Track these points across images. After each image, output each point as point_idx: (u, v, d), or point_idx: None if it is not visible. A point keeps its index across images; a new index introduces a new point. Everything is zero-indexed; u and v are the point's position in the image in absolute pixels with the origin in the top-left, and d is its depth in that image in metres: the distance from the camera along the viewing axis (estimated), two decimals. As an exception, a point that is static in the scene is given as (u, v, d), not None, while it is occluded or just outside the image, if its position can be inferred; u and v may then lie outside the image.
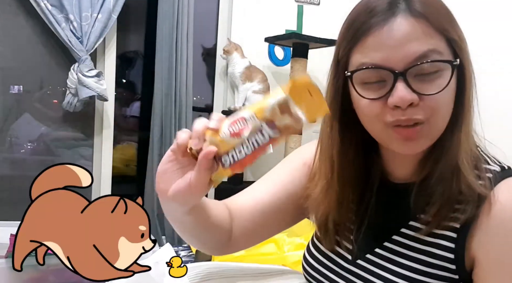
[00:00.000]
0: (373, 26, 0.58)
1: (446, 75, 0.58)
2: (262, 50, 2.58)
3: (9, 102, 2.14)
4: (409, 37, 0.57)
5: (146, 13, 2.51)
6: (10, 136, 2.16)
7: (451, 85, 0.59)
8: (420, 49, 0.57)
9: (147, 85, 2.39)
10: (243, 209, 0.76)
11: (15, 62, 2.13)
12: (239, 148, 0.54)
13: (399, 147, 0.61)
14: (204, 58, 2.63)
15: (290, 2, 2.64)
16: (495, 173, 0.62)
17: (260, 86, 2.40)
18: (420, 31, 0.57)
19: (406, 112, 0.58)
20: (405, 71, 0.57)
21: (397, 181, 0.70)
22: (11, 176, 2.17)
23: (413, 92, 0.57)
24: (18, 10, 2.07)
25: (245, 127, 0.52)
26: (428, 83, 0.58)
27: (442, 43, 0.58)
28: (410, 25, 0.57)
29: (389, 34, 0.57)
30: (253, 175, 2.63)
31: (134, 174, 2.60)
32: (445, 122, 0.61)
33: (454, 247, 0.61)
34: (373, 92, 0.60)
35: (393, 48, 0.57)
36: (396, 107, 0.58)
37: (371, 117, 0.62)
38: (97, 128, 2.31)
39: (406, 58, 0.57)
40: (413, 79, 0.57)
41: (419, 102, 0.57)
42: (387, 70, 0.58)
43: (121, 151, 2.49)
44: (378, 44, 0.58)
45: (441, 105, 0.59)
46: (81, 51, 2.03)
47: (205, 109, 2.68)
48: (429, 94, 0.57)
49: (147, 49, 2.46)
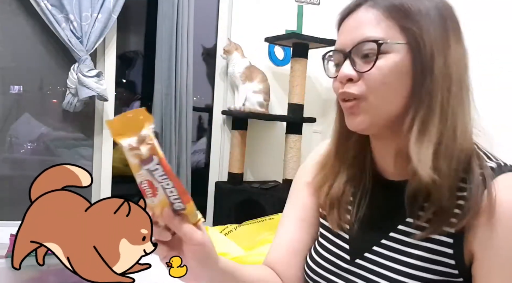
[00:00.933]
0: (344, 15, 0.69)
1: (388, 57, 0.63)
2: (262, 50, 2.58)
3: (9, 102, 2.13)
4: (361, 24, 0.66)
5: (146, 13, 2.52)
6: (10, 136, 2.16)
7: (392, 67, 0.63)
8: (365, 34, 0.64)
9: (147, 85, 2.39)
10: (283, 262, 0.80)
11: (15, 62, 2.13)
12: (168, 193, 0.54)
13: (347, 121, 0.69)
14: (204, 58, 2.63)
15: (290, 2, 2.64)
16: (492, 169, 0.63)
17: (260, 86, 2.40)
18: (372, 18, 0.65)
19: (346, 86, 0.66)
20: (350, 51, 0.66)
21: (391, 178, 0.71)
22: (11, 176, 2.17)
23: (353, 69, 0.65)
24: (18, 10, 2.07)
25: (151, 186, 0.54)
26: (367, 62, 0.64)
27: (394, 30, 0.64)
28: (366, 14, 0.66)
29: (348, 22, 0.68)
30: (253, 175, 2.63)
31: (134, 174, 2.60)
32: (386, 103, 0.65)
33: (452, 242, 0.62)
34: (335, 73, 0.70)
35: (347, 32, 0.67)
36: (340, 83, 0.67)
37: (336, 96, 0.71)
38: (97, 128, 2.31)
39: (354, 41, 0.65)
40: (359, 59, 0.65)
41: (358, 79, 0.65)
42: (340, 54, 0.67)
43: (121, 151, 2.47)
44: (342, 31, 0.69)
45: (376, 83, 0.64)
46: (81, 51, 2.03)
47: (205, 109, 2.68)
48: (363, 71, 0.64)
49: (147, 49, 2.46)
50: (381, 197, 0.72)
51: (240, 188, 2.40)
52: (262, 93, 2.39)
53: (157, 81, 2.28)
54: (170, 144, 2.28)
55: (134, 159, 0.53)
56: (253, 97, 2.38)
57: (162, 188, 0.54)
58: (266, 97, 2.41)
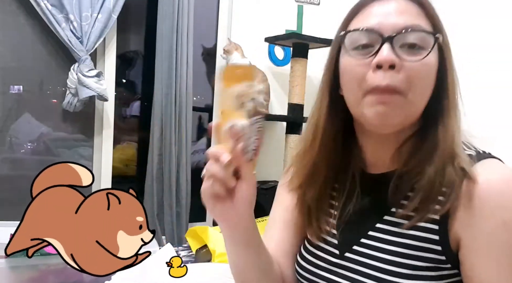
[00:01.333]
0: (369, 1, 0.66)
1: (428, 48, 0.63)
2: (262, 50, 2.58)
3: (9, 102, 2.13)
4: (402, 11, 0.63)
5: (146, 13, 2.51)
6: (10, 136, 2.16)
7: (433, 64, 0.64)
8: (409, 21, 0.63)
9: (147, 85, 2.38)
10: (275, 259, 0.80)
11: (15, 62, 2.13)
12: (251, 142, 0.59)
13: (371, 114, 0.63)
14: (204, 58, 2.63)
15: (290, 2, 2.64)
16: (471, 157, 0.65)
17: (260, 86, 2.39)
18: (413, 11, 0.64)
19: (386, 75, 0.61)
20: (392, 36, 0.62)
21: (375, 171, 0.72)
22: (11, 176, 2.17)
23: (396, 56, 0.61)
24: (18, 10, 2.07)
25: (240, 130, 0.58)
26: (412, 52, 0.62)
27: (429, 27, 0.65)
28: (405, 4, 0.64)
29: (384, 6, 0.64)
30: (253, 175, 2.62)
31: (134, 173, 2.60)
32: (421, 101, 0.64)
33: (437, 228, 0.63)
34: (360, 56, 0.64)
35: (385, 15, 0.63)
36: (378, 68, 0.61)
37: (352, 83, 0.65)
38: (97, 129, 2.30)
39: (396, 26, 0.62)
40: (399, 47, 0.62)
41: (400, 69, 0.61)
42: (376, 34, 0.63)
43: (121, 151, 2.48)
44: (373, 13, 0.65)
45: (420, 78, 0.62)
46: (81, 51, 2.03)
47: (205, 109, 2.68)
48: (410, 61, 0.61)
49: (147, 49, 2.46)
50: (367, 191, 0.73)
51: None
52: (262, 93, 2.39)
53: (157, 81, 2.28)
54: (170, 144, 2.28)
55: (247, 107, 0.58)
56: (253, 97, 2.38)
57: (248, 137, 0.59)
58: (266, 97, 2.41)
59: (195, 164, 2.67)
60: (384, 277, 0.65)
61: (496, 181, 0.61)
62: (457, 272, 0.64)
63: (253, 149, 0.59)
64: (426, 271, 0.63)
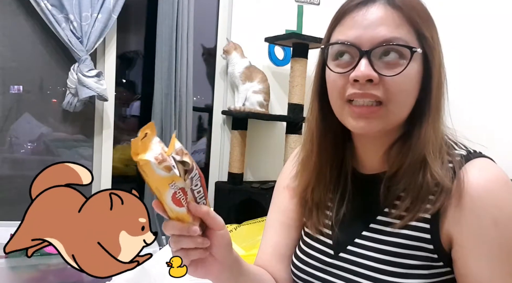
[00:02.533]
0: (353, 7, 0.65)
1: (412, 65, 0.63)
2: (262, 50, 2.58)
3: (9, 102, 2.13)
4: (381, 22, 0.62)
5: (146, 13, 2.51)
6: (10, 136, 2.16)
7: (411, 74, 0.63)
8: (388, 34, 0.62)
9: (147, 85, 2.38)
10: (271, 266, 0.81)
11: (15, 62, 2.13)
12: (196, 194, 0.55)
13: (352, 124, 0.66)
14: (204, 58, 2.63)
15: (290, 2, 2.64)
16: (461, 156, 0.66)
17: (260, 86, 2.40)
18: (392, 20, 0.63)
19: (363, 87, 0.63)
20: (370, 50, 0.62)
21: (367, 171, 0.73)
22: (11, 176, 2.17)
23: (373, 70, 0.62)
24: (18, 10, 2.07)
25: (184, 193, 0.53)
26: (390, 67, 0.62)
27: (412, 36, 0.63)
28: (384, 12, 0.63)
29: (364, 16, 0.63)
30: (253, 175, 2.63)
31: (134, 173, 2.60)
32: (402, 110, 0.65)
33: (429, 227, 0.64)
34: (340, 68, 0.65)
35: (364, 28, 0.63)
36: (355, 82, 0.63)
37: (334, 93, 0.67)
38: (97, 129, 2.31)
39: (374, 39, 0.62)
40: (377, 60, 0.63)
41: (379, 83, 0.62)
42: (355, 48, 0.63)
43: (121, 151, 2.48)
44: (353, 24, 0.64)
45: (398, 90, 0.63)
46: (81, 51, 2.03)
47: (205, 109, 2.68)
48: (387, 75, 0.62)
49: (147, 49, 2.45)
50: (360, 192, 0.74)
51: (240, 188, 2.39)
52: (262, 93, 2.39)
53: (157, 81, 2.28)
54: (170, 144, 2.28)
55: (163, 172, 0.50)
56: (253, 97, 2.38)
57: (191, 190, 0.54)
58: (266, 97, 2.41)
59: (195, 164, 2.68)
60: (377, 276, 0.66)
61: (486, 179, 0.62)
62: (450, 270, 0.65)
63: (202, 196, 0.57)
64: (419, 270, 0.64)
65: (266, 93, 2.41)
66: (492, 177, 0.63)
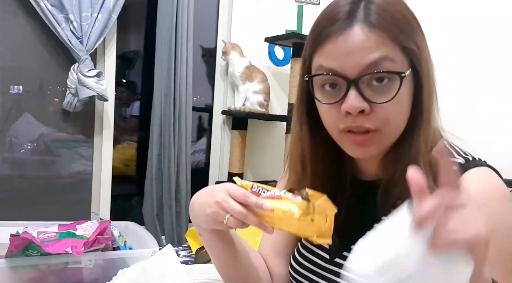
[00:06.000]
0: (331, 34, 0.61)
1: (397, 84, 0.61)
2: (262, 50, 2.58)
3: (9, 102, 2.13)
4: (362, 46, 0.60)
5: (146, 13, 2.51)
6: (10, 136, 2.16)
7: (404, 94, 0.62)
8: (372, 57, 0.59)
9: (147, 85, 2.38)
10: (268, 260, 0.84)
11: (15, 62, 2.13)
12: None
13: (351, 151, 0.66)
14: (204, 58, 2.63)
15: (290, 2, 2.64)
16: (459, 165, 0.65)
17: (260, 87, 2.40)
18: (374, 40, 0.60)
19: (357, 119, 0.61)
20: (357, 79, 0.60)
21: (367, 178, 0.73)
22: (11, 176, 2.17)
23: (364, 100, 0.60)
24: (18, 10, 2.07)
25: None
26: (380, 92, 0.61)
27: (396, 51, 0.61)
28: (364, 34, 0.60)
29: (344, 42, 0.60)
30: (253, 175, 2.63)
31: (134, 173, 2.60)
32: (398, 130, 0.64)
33: None
34: (329, 98, 0.63)
35: (347, 55, 0.60)
36: (348, 113, 0.61)
37: (328, 122, 0.66)
38: (97, 129, 2.31)
39: (359, 66, 0.60)
40: (366, 87, 0.61)
41: (370, 111, 0.61)
42: (340, 77, 0.61)
43: (121, 151, 2.48)
44: (334, 51, 0.61)
45: (392, 115, 0.62)
46: (81, 51, 2.03)
47: (205, 109, 2.68)
48: (379, 102, 0.60)
49: (147, 49, 2.45)
50: (359, 198, 0.74)
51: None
52: (262, 93, 2.39)
53: (157, 81, 2.28)
54: (169, 144, 2.28)
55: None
56: (253, 97, 2.38)
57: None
58: (266, 97, 2.41)
59: (195, 164, 2.68)
60: None
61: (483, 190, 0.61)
62: None
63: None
64: None
65: (266, 93, 2.41)
66: (489, 188, 0.63)
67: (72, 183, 2.29)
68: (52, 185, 2.24)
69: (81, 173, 2.31)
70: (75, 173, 2.30)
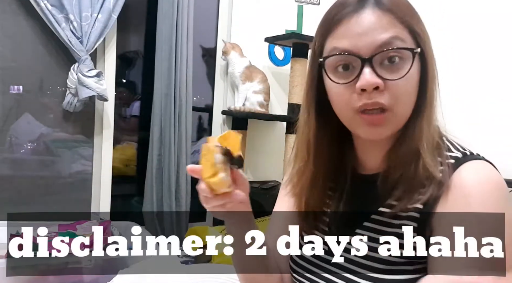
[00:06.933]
0: (344, 16, 0.65)
1: (409, 62, 0.64)
2: (262, 50, 2.58)
3: (9, 102, 2.13)
4: (375, 26, 0.64)
5: (146, 13, 2.51)
6: (10, 137, 2.16)
7: (413, 74, 0.65)
8: (384, 37, 0.63)
9: (147, 85, 2.38)
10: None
11: (15, 62, 2.13)
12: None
13: (365, 132, 0.67)
14: (204, 58, 2.63)
15: (290, 2, 2.64)
16: (456, 158, 0.67)
17: (260, 87, 2.40)
18: (385, 22, 0.64)
19: (371, 96, 0.63)
20: (371, 57, 0.63)
21: (367, 172, 0.75)
22: (11, 176, 2.17)
23: (378, 77, 0.63)
24: (18, 10, 2.07)
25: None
26: (393, 70, 0.64)
27: (405, 33, 0.65)
28: (376, 16, 0.64)
29: (357, 23, 0.64)
30: (253, 175, 2.63)
31: (134, 173, 2.60)
32: (408, 110, 0.67)
33: (416, 226, 0.65)
34: (343, 78, 0.66)
35: (360, 35, 0.64)
36: (362, 91, 0.64)
37: (341, 104, 0.68)
38: (97, 129, 2.30)
39: (372, 45, 0.63)
40: (379, 66, 0.64)
41: (384, 88, 0.63)
42: (355, 56, 0.64)
43: (121, 151, 2.48)
44: (347, 32, 0.65)
45: (404, 93, 0.64)
46: (81, 51, 2.03)
47: (205, 109, 2.68)
48: (392, 79, 0.63)
49: (147, 49, 2.45)
50: (358, 191, 0.75)
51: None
52: (262, 93, 2.39)
53: (157, 81, 2.28)
54: (169, 144, 2.28)
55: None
56: (253, 97, 2.38)
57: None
58: (266, 97, 2.41)
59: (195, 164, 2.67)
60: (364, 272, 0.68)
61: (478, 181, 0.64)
62: None
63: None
64: (403, 266, 0.66)
65: (266, 93, 2.41)
66: (485, 179, 0.64)
67: (72, 183, 2.29)
68: (52, 185, 2.24)
69: (81, 173, 2.31)
70: (75, 173, 2.30)
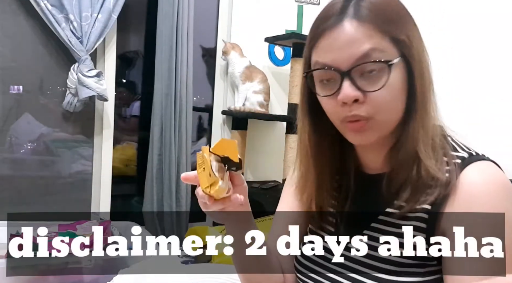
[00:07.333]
0: (325, 30, 0.66)
1: (392, 76, 0.65)
2: (262, 50, 2.58)
3: (9, 102, 2.13)
4: (353, 39, 0.64)
5: (146, 13, 2.51)
6: (10, 137, 2.16)
7: (395, 83, 0.65)
8: (362, 50, 0.64)
9: (147, 85, 2.38)
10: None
11: (15, 62, 2.13)
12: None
13: (351, 138, 0.70)
14: (205, 58, 2.63)
15: (290, 2, 2.64)
16: (463, 158, 0.68)
17: (260, 87, 2.40)
18: (362, 33, 0.64)
19: (352, 108, 0.65)
20: (349, 70, 0.64)
21: (371, 172, 0.76)
22: (11, 176, 2.17)
23: (357, 89, 0.64)
24: (18, 10, 2.07)
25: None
26: (371, 81, 0.65)
27: (385, 42, 0.65)
28: (354, 28, 0.64)
29: (336, 37, 0.65)
30: (253, 175, 2.63)
31: (134, 174, 2.60)
32: (393, 116, 0.68)
33: (425, 227, 0.66)
34: (327, 91, 0.68)
35: (339, 49, 0.65)
36: (344, 103, 0.65)
37: (329, 113, 0.70)
38: (97, 129, 2.30)
39: (351, 59, 0.64)
40: (359, 77, 0.65)
41: (364, 100, 0.65)
42: (334, 70, 0.65)
43: (121, 151, 2.48)
44: (328, 47, 0.66)
45: (384, 103, 0.65)
46: (81, 51, 2.03)
47: (205, 109, 2.68)
48: (371, 91, 0.64)
49: (147, 49, 2.45)
50: (364, 191, 0.76)
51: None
52: (262, 93, 2.39)
53: (157, 81, 2.28)
54: (170, 144, 2.28)
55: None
56: (253, 97, 2.38)
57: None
58: (266, 97, 2.41)
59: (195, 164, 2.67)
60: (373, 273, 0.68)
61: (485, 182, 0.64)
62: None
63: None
64: (414, 268, 0.66)
65: (266, 93, 2.41)
66: (491, 180, 0.65)
67: (72, 183, 2.29)
68: (52, 185, 2.24)
69: (81, 173, 2.31)
70: (75, 173, 2.30)
